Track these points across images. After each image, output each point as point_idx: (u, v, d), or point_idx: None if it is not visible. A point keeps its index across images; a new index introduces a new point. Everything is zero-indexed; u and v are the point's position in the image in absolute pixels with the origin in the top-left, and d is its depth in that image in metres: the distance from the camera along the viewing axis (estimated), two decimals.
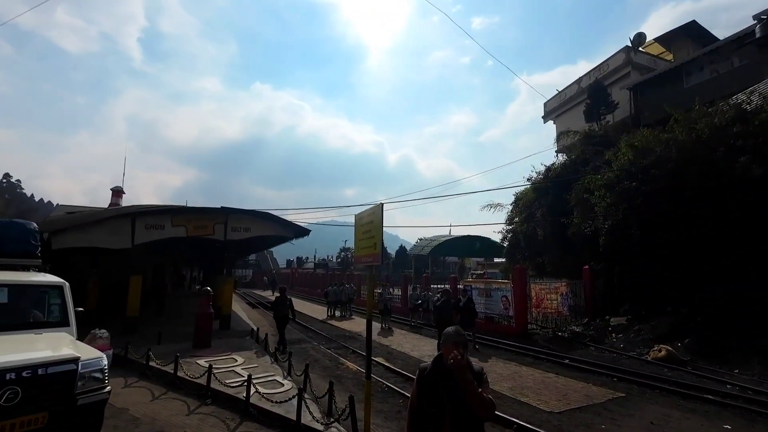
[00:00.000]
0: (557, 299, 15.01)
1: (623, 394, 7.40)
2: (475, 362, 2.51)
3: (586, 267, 15.04)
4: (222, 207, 13.13)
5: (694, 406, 6.80)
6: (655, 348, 10.18)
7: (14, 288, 4.93)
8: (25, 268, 5.73)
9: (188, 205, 15.11)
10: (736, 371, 8.65)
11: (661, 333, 11.21)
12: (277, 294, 11.88)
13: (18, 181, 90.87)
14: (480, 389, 2.25)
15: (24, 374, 3.52)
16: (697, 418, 6.31)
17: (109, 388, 4.16)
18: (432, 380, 2.41)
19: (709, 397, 7.13)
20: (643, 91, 18.93)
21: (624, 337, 11.94)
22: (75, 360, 3.88)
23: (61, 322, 5.01)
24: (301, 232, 15.34)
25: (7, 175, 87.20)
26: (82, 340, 5.08)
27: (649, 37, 24.04)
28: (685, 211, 11.81)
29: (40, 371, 3.61)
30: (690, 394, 7.32)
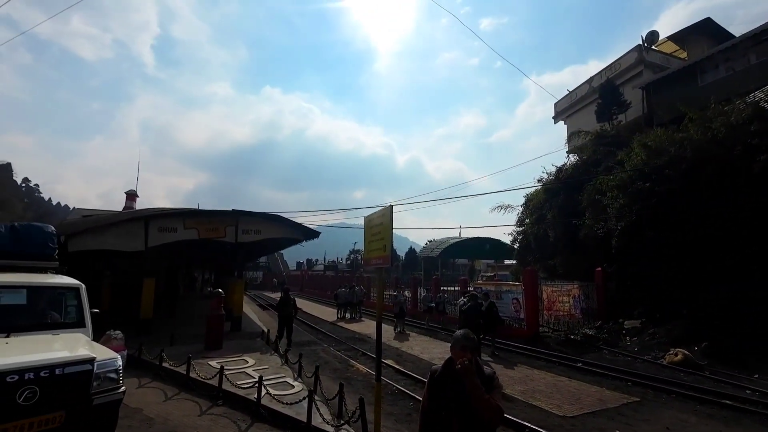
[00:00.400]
0: (569, 302, 14.81)
1: (638, 399, 7.26)
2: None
3: (599, 269, 14.81)
4: (233, 209, 13.25)
5: (711, 412, 6.64)
6: (671, 352, 9.97)
7: (33, 290, 5.04)
8: (43, 270, 5.85)
9: (200, 207, 15.31)
10: (756, 376, 8.42)
11: (676, 336, 10.99)
12: (281, 294, 12.33)
13: (36, 185, 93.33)
14: (490, 394, 2.23)
15: (42, 374, 3.59)
16: (715, 424, 6.16)
17: (123, 388, 4.22)
18: (442, 382, 2.41)
19: (728, 402, 6.95)
20: (656, 90, 18.62)
21: (638, 341, 11.73)
22: (91, 360, 3.95)
23: (78, 323, 5.11)
24: (311, 234, 15.42)
25: (26, 180, 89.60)
26: (97, 341, 5.17)
27: (662, 36, 23.67)
28: (697, 211, 11.61)
29: (57, 371, 3.68)
30: (707, 399, 7.14)
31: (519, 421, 5.82)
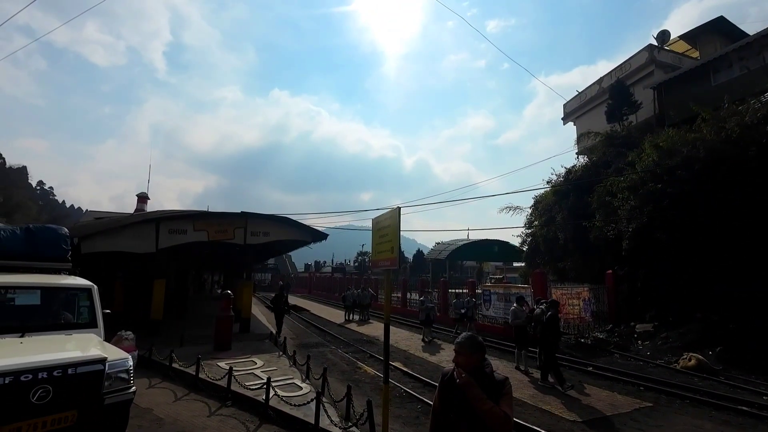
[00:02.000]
0: (579, 305, 14.60)
1: (651, 404, 7.14)
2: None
3: (610, 272, 14.60)
4: (242, 212, 13.35)
5: (727, 418, 6.49)
6: (685, 356, 9.78)
7: (46, 290, 5.13)
8: (57, 272, 5.95)
9: (209, 210, 15.43)
10: None
11: (690, 340, 10.77)
12: (276, 292, 14.10)
13: (50, 188, 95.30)
14: (499, 400, 2.20)
15: (55, 374, 3.65)
16: (731, 431, 6.02)
17: (134, 388, 4.27)
18: (451, 386, 2.39)
19: (744, 408, 6.80)
20: (667, 90, 18.33)
21: (651, 345, 11.52)
22: (102, 360, 4.00)
23: (90, 324, 5.18)
24: (319, 236, 15.46)
25: (40, 183, 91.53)
26: (108, 341, 5.24)
27: (673, 35, 23.35)
28: (710, 212, 11.39)
29: (69, 371, 3.73)
30: (723, 405, 6.99)
31: (529, 425, 5.76)
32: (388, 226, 4.35)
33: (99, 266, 13.81)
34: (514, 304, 10.38)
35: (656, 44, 21.99)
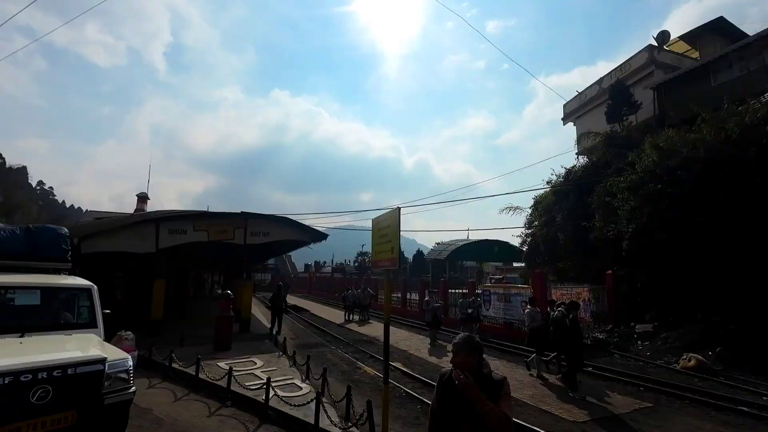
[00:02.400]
0: (579, 305, 14.61)
1: (650, 405, 7.14)
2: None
3: (609, 272, 14.60)
4: (242, 212, 13.35)
5: (727, 419, 6.49)
6: (684, 357, 9.77)
7: (46, 290, 5.13)
8: (57, 272, 5.95)
9: (209, 210, 15.43)
10: None
11: (690, 341, 10.77)
12: (275, 290, 14.59)
13: (50, 188, 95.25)
14: (499, 401, 2.18)
15: (55, 374, 3.65)
16: (731, 431, 6.02)
17: (134, 388, 4.27)
18: (449, 387, 2.38)
19: (744, 409, 6.79)
20: (667, 90, 18.34)
21: (650, 345, 11.52)
22: (102, 361, 4.00)
23: (90, 324, 5.18)
24: (319, 236, 15.46)
25: (40, 183, 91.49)
26: (108, 341, 5.24)
27: (673, 35, 23.35)
28: (710, 212, 11.39)
29: (69, 371, 3.74)
30: (723, 405, 6.98)
31: (529, 426, 5.75)
32: (388, 227, 4.35)
33: (99, 266, 13.79)
34: (528, 307, 10.02)
35: (656, 44, 22.00)
